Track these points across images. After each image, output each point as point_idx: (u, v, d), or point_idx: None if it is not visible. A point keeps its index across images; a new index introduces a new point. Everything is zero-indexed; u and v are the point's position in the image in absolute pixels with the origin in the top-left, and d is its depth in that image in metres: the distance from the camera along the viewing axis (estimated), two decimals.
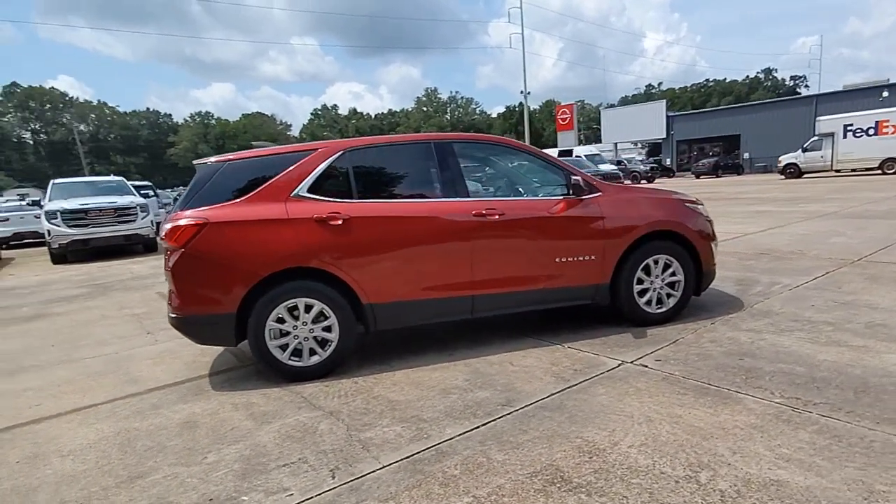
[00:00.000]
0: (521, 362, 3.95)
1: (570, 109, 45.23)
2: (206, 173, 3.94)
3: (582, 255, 4.27)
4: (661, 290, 4.52)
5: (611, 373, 3.62)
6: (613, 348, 4.07)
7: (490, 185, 4.83)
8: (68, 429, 3.45)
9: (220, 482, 2.67)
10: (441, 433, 2.98)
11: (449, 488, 2.46)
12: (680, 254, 4.50)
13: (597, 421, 2.96)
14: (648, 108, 45.48)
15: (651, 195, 4.66)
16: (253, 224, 3.78)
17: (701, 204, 4.83)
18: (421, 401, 3.43)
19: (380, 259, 3.93)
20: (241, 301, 3.73)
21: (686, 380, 3.40)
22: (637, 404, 3.12)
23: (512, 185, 4.67)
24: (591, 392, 3.34)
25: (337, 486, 2.55)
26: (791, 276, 5.78)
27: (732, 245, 7.98)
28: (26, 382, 4.42)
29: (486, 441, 2.85)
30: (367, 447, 2.90)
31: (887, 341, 3.75)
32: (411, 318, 4.14)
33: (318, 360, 3.91)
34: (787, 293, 5.16)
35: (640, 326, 4.46)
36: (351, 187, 4.01)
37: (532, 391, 3.43)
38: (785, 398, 3.04)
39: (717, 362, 3.63)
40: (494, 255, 4.12)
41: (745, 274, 6.08)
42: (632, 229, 4.34)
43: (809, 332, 4.04)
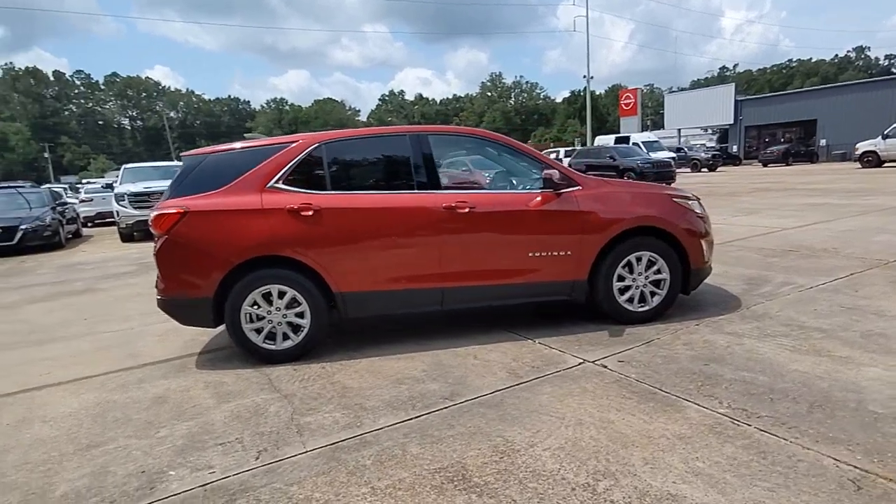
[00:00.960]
0: (485, 356, 3.90)
1: (634, 94, 43.43)
2: (190, 164, 4.11)
3: (556, 251, 4.14)
4: (644, 288, 4.32)
5: (567, 371, 3.52)
6: (583, 346, 3.94)
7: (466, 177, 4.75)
8: (61, 397, 3.74)
9: (160, 456, 2.82)
10: (374, 422, 3.02)
11: (353, 477, 2.49)
12: (665, 251, 4.27)
13: (526, 420, 2.90)
14: (715, 92, 42.88)
15: (636, 190, 4.44)
16: (229, 213, 3.91)
17: (695, 199, 4.55)
18: (372, 389, 3.47)
19: (349, 249, 3.98)
20: (218, 286, 3.89)
21: (639, 383, 3.25)
22: (575, 406, 3.02)
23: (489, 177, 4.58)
24: (537, 390, 3.26)
25: (256, 467, 2.64)
26: (809, 277, 5.36)
27: (763, 241, 7.48)
28: (49, 352, 4.82)
29: (411, 434, 2.85)
30: (301, 431, 2.97)
31: (876, 353, 3.43)
32: (381, 308, 4.18)
33: (291, 345, 4.03)
34: (795, 295, 4.80)
35: (622, 324, 4.29)
36: (325, 179, 4.06)
37: (480, 386, 3.39)
38: (731, 409, 2.85)
39: (681, 366, 3.45)
40: (464, 248, 4.07)
41: (760, 272, 5.69)
42: (611, 225, 4.16)
43: (795, 339, 3.75)
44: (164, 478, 2.61)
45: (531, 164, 4.32)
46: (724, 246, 7.25)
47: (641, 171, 16.99)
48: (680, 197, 4.41)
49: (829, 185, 16.20)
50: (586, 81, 45.19)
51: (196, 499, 2.42)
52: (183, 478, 2.60)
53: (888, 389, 2.93)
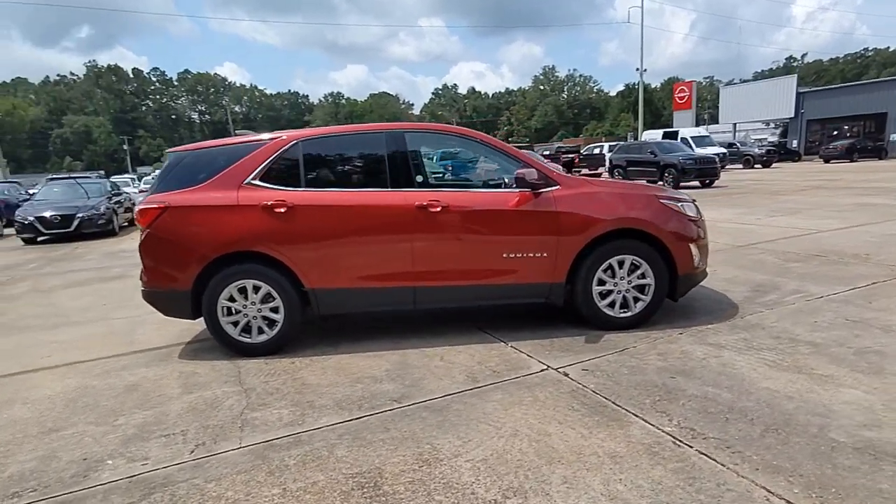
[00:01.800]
0: (452, 357, 3.81)
1: (688, 87, 41.64)
2: (174, 160, 4.20)
3: (531, 252, 3.98)
4: (627, 293, 4.09)
5: (526, 378, 3.38)
6: (554, 351, 3.78)
7: (442, 175, 4.62)
8: (49, 381, 3.92)
9: (107, 444, 2.90)
10: (316, 421, 2.99)
11: (271, 477, 2.47)
12: (649, 255, 4.03)
13: (463, 428, 2.80)
14: (775, 84, 40.43)
15: (619, 190, 4.20)
16: (207, 209, 3.97)
17: (688, 201, 4.27)
18: (329, 387, 3.45)
19: (322, 246, 3.96)
20: (195, 279, 3.96)
21: (594, 394, 3.08)
22: (518, 415, 2.89)
23: (465, 176, 4.45)
24: (487, 397, 3.15)
25: (187, 461, 2.67)
26: (824, 285, 4.95)
27: (791, 244, 6.98)
28: (60, 336, 5.07)
29: (345, 435, 2.81)
30: (244, 427, 2.98)
31: (863, 372, 3.11)
32: (353, 306, 4.15)
33: (266, 339, 4.06)
34: (801, 304, 4.44)
35: (602, 330, 4.09)
36: (300, 176, 4.05)
37: (433, 389, 3.30)
38: (678, 427, 2.65)
39: (645, 378, 3.24)
40: (437, 247, 3.98)
41: (772, 279, 5.30)
42: (589, 226, 3.96)
43: (779, 354, 3.45)
44: (100, 467, 2.68)
45: (509, 162, 4.15)
46: (745, 249, 6.83)
47: (682, 167, 16.22)
48: (667, 198, 4.14)
49: (890, 184, 14.99)
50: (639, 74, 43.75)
51: (118, 490, 2.47)
52: (117, 468, 2.65)
53: (860, 415, 2.64)
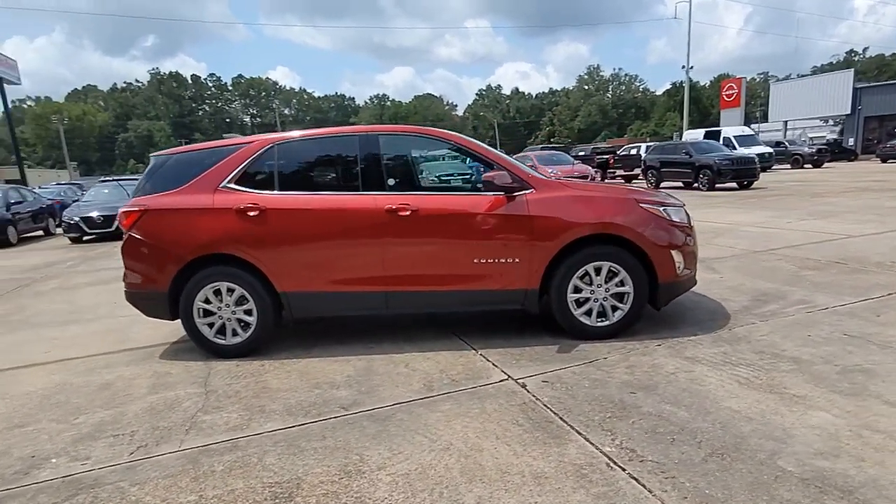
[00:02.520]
0: (418, 364, 3.72)
1: (737, 84, 39.93)
2: (156, 164, 4.27)
3: (503, 258, 3.84)
4: (604, 302, 3.90)
5: (482, 388, 3.25)
6: (522, 361, 3.63)
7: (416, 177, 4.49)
8: (38, 376, 4.05)
9: (59, 442, 2.96)
10: (260, 427, 2.96)
11: (194, 483, 2.45)
12: (627, 262, 3.82)
13: (398, 440, 2.70)
14: (829, 80, 38.17)
15: (597, 193, 3.99)
16: (183, 212, 4.02)
17: (674, 205, 4.03)
18: (287, 391, 3.42)
19: (293, 250, 3.94)
20: (172, 281, 4.01)
21: (544, 408, 2.93)
22: (459, 428, 2.78)
23: (438, 178, 4.33)
24: (435, 407, 3.04)
25: (123, 463, 2.68)
26: (834, 295, 4.58)
27: (813, 249, 6.53)
28: (65, 332, 5.26)
29: (281, 443, 2.76)
30: (191, 429, 2.99)
31: (842, 393, 2.84)
32: (325, 310, 4.12)
33: (240, 340, 4.08)
34: (800, 316, 4.12)
35: (579, 340, 3.91)
36: (273, 180, 4.05)
37: (385, 397, 3.23)
38: (618, 448, 2.48)
39: (604, 393, 3.06)
40: (407, 251, 3.90)
41: (780, 287, 4.95)
42: (563, 231, 3.78)
43: (755, 371, 3.20)
44: (44, 465, 2.73)
45: (484, 164, 4.02)
46: (762, 254, 6.43)
47: (718, 168, 15.49)
48: (649, 202, 3.91)
49: None
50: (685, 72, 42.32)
51: (49, 489, 2.50)
52: (57, 466, 2.70)
53: (820, 442, 2.40)
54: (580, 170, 16.55)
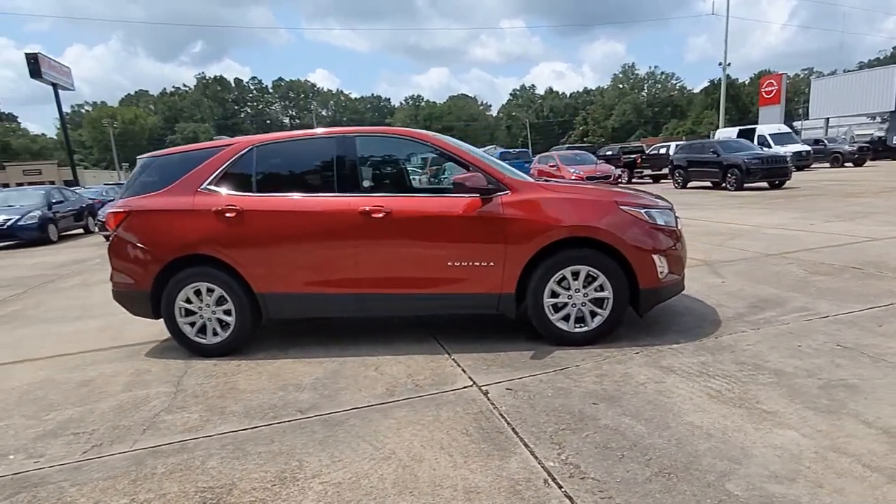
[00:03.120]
0: (388, 367, 3.64)
1: (777, 80, 38.42)
2: (142, 166, 4.32)
3: (477, 261, 3.73)
4: (582, 307, 3.74)
5: (442, 395, 3.15)
6: (492, 367, 3.52)
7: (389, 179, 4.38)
8: (27, 372, 4.14)
9: (22, 439, 3.00)
10: (214, 429, 2.94)
11: (132, 485, 2.43)
12: (606, 266, 3.65)
13: (344, 446, 2.64)
14: (873, 76, 36.26)
15: (575, 195, 3.82)
16: (165, 213, 4.05)
17: (659, 207, 3.83)
18: (252, 393, 3.39)
19: (269, 251, 3.92)
20: (154, 280, 4.05)
21: (499, 418, 2.81)
22: (407, 436, 2.69)
23: (413, 180, 4.22)
24: (390, 413, 2.96)
25: (73, 462, 2.70)
26: (838, 303, 4.29)
27: (829, 253, 6.16)
28: (67, 328, 5.39)
29: (229, 446, 2.73)
30: (148, 429, 2.99)
31: (816, 410, 2.62)
32: (300, 311, 4.09)
33: (219, 340, 4.09)
34: (796, 325, 3.86)
35: (557, 345, 3.77)
36: (251, 182, 4.04)
37: (345, 401, 3.16)
38: (563, 463, 2.35)
39: (566, 403, 2.92)
40: (380, 254, 3.82)
41: (782, 293, 4.67)
42: (538, 235, 3.64)
43: (730, 383, 3.00)
44: (0, 461, 2.76)
45: (458, 165, 3.91)
46: (773, 258, 6.11)
47: (747, 167, 14.86)
48: (630, 204, 3.73)
49: None
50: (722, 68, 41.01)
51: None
52: (12, 463, 2.73)
53: (778, 464, 2.21)
54: (603, 170, 16.19)
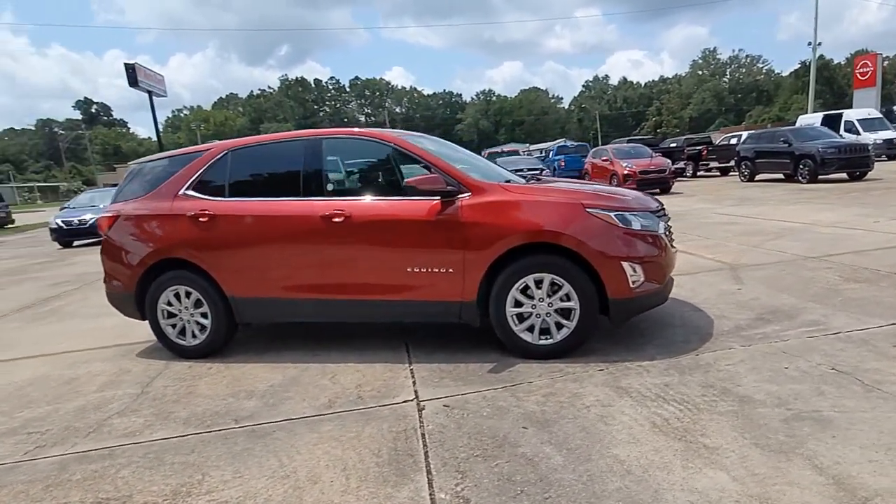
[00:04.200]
0: (344, 376, 3.55)
1: (872, 61, 34.68)
2: (132, 171, 4.47)
3: (436, 267, 3.54)
4: (547, 318, 3.47)
5: (378, 409, 3.02)
6: (445, 379, 3.34)
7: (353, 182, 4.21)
8: (30, 368, 4.38)
9: None
10: (150, 435, 2.97)
11: (44, 492, 2.48)
12: (572, 274, 3.36)
13: (253, 461, 2.57)
14: None
15: (539, 197, 3.52)
16: (148, 218, 4.17)
17: (637, 210, 3.47)
18: (205, 398, 3.41)
19: (237, 255, 3.93)
20: (138, 283, 4.18)
21: (418, 439, 2.64)
22: (319, 454, 2.58)
23: (376, 182, 4.04)
24: (317, 427, 2.86)
25: (9, 463, 2.80)
26: (858, 316, 3.74)
27: (880, 257, 5.41)
28: (87, 325, 5.70)
29: (150, 454, 2.74)
30: (93, 432, 3.06)
31: (763, 449, 2.25)
32: (268, 316, 4.09)
33: (197, 343, 4.16)
34: (794, 342, 3.39)
35: (523, 358, 3.52)
36: (224, 186, 4.07)
37: (285, 411, 3.10)
38: (454, 496, 2.15)
39: (495, 425, 2.70)
40: (342, 259, 3.73)
41: (802, 303, 4.14)
42: (497, 240, 3.41)
43: (683, 410, 2.65)
44: None
45: (420, 167, 3.72)
46: (811, 261, 5.47)
47: (822, 157, 13.47)
48: (600, 207, 3.40)
49: None
50: (812, 48, 37.65)
51: None
52: None
53: None
54: (657, 163, 15.27)
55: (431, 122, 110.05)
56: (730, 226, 8.33)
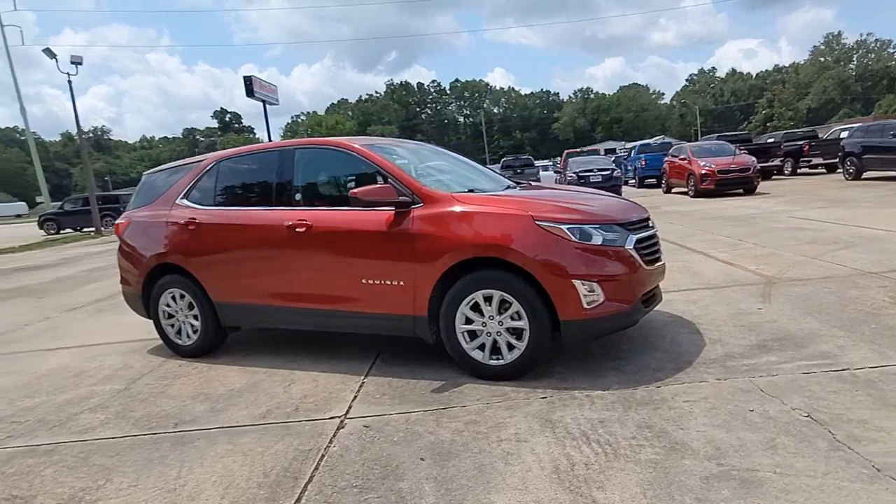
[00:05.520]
0: (298, 385, 3.50)
1: None
2: (145, 180, 4.74)
3: (388, 279, 3.38)
4: (498, 336, 3.18)
5: (302, 424, 2.92)
6: (385, 397, 3.18)
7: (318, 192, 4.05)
8: (58, 358, 4.71)
9: None
10: (101, 433, 3.08)
11: None
12: (521, 291, 3.05)
13: (156, 470, 2.57)
14: None
15: (488, 209, 3.20)
16: (150, 225, 4.40)
17: (599, 223, 3.08)
18: (170, 399, 3.50)
19: (217, 262, 4.03)
20: (143, 284, 4.42)
21: (313, 462, 2.50)
22: (217, 469, 2.53)
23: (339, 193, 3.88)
24: (235, 439, 2.82)
25: None
26: (880, 350, 3.07)
27: None
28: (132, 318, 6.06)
29: (83, 453, 2.83)
30: (56, 427, 3.23)
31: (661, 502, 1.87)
32: (247, 321, 4.14)
33: (191, 343, 4.32)
34: (779, 378, 2.83)
35: (475, 377, 3.28)
36: (212, 195, 4.18)
37: (222, 419, 3.10)
38: None
39: (396, 452, 2.50)
40: (306, 268, 3.70)
41: (821, 330, 3.48)
42: (445, 253, 3.17)
43: (597, 455, 2.28)
44: None
45: (380, 176, 3.55)
46: (866, 278, 4.65)
47: None
48: (550, 219, 3.04)
49: None
50: None
51: None
52: None
53: None
54: (740, 162, 13.83)
55: (528, 122, 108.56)
56: (797, 232, 7.32)
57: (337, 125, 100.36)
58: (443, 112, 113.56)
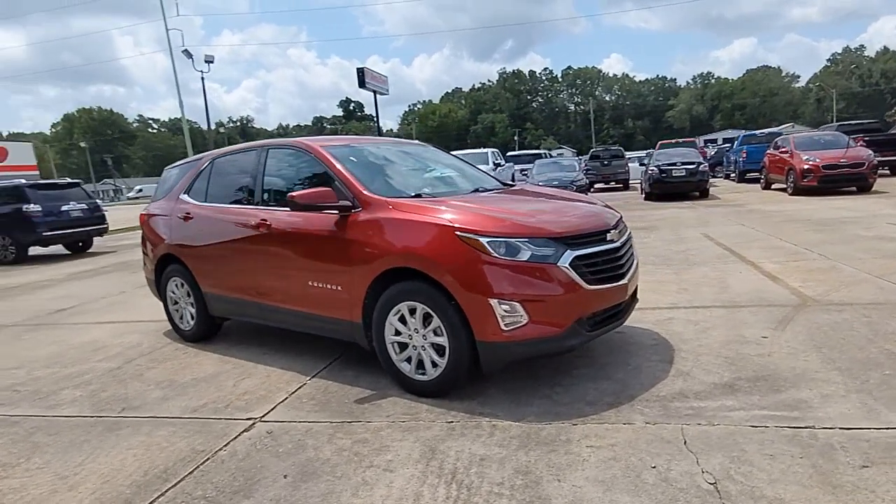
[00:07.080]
0: (248, 381, 3.54)
1: None
2: (165, 175, 5.04)
3: (328, 284, 3.29)
4: (423, 351, 2.97)
5: (215, 423, 2.94)
6: (311, 402, 3.11)
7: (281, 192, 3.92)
8: (94, 332, 5.17)
9: None
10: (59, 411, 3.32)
11: None
12: (441, 306, 2.81)
13: (69, 455, 2.71)
14: None
15: (416, 217, 2.93)
16: (160, 218, 4.69)
17: (534, 236, 2.73)
18: (142, 383, 3.68)
19: (204, 255, 4.21)
20: (155, 271, 4.74)
21: (191, 466, 2.50)
22: (106, 461, 2.61)
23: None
24: (154, 432, 2.91)
25: None
26: (872, 407, 2.43)
27: None
28: None
29: (24, 432, 3.01)
30: (38, 400, 3.54)
31: None
32: (227, 312, 4.25)
33: (189, 329, 4.56)
34: (713, 429, 2.33)
35: (405, 391, 3.11)
36: (205, 191, 4.34)
37: (162, 408, 3.22)
38: None
39: (270, 465, 2.42)
40: (266, 266, 3.74)
41: (818, 370, 2.84)
42: (373, 260, 3.01)
43: (446, 501, 2.02)
44: None
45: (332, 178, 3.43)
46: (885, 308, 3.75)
47: None
48: (472, 231, 2.73)
49: None
50: None
51: None
52: None
53: None
54: (853, 156, 11.88)
55: (641, 110, 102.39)
56: (883, 243, 6.13)
57: (450, 113, 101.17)
58: (553, 100, 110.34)
